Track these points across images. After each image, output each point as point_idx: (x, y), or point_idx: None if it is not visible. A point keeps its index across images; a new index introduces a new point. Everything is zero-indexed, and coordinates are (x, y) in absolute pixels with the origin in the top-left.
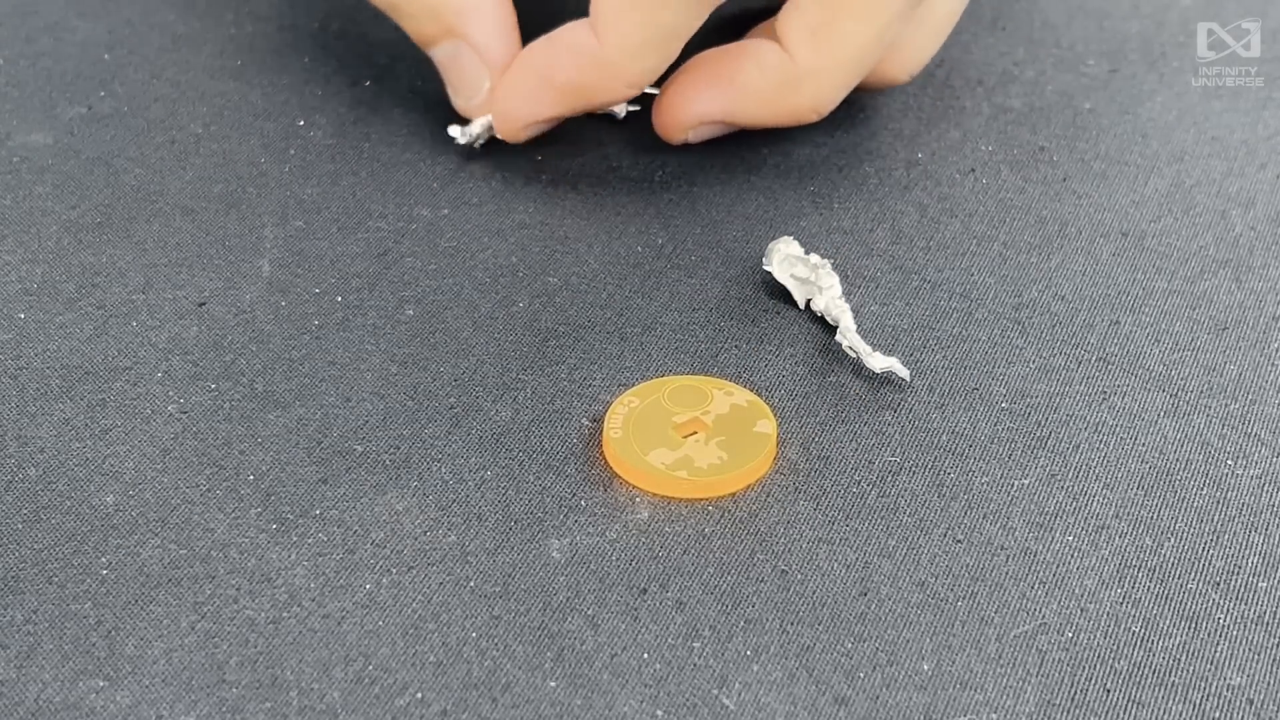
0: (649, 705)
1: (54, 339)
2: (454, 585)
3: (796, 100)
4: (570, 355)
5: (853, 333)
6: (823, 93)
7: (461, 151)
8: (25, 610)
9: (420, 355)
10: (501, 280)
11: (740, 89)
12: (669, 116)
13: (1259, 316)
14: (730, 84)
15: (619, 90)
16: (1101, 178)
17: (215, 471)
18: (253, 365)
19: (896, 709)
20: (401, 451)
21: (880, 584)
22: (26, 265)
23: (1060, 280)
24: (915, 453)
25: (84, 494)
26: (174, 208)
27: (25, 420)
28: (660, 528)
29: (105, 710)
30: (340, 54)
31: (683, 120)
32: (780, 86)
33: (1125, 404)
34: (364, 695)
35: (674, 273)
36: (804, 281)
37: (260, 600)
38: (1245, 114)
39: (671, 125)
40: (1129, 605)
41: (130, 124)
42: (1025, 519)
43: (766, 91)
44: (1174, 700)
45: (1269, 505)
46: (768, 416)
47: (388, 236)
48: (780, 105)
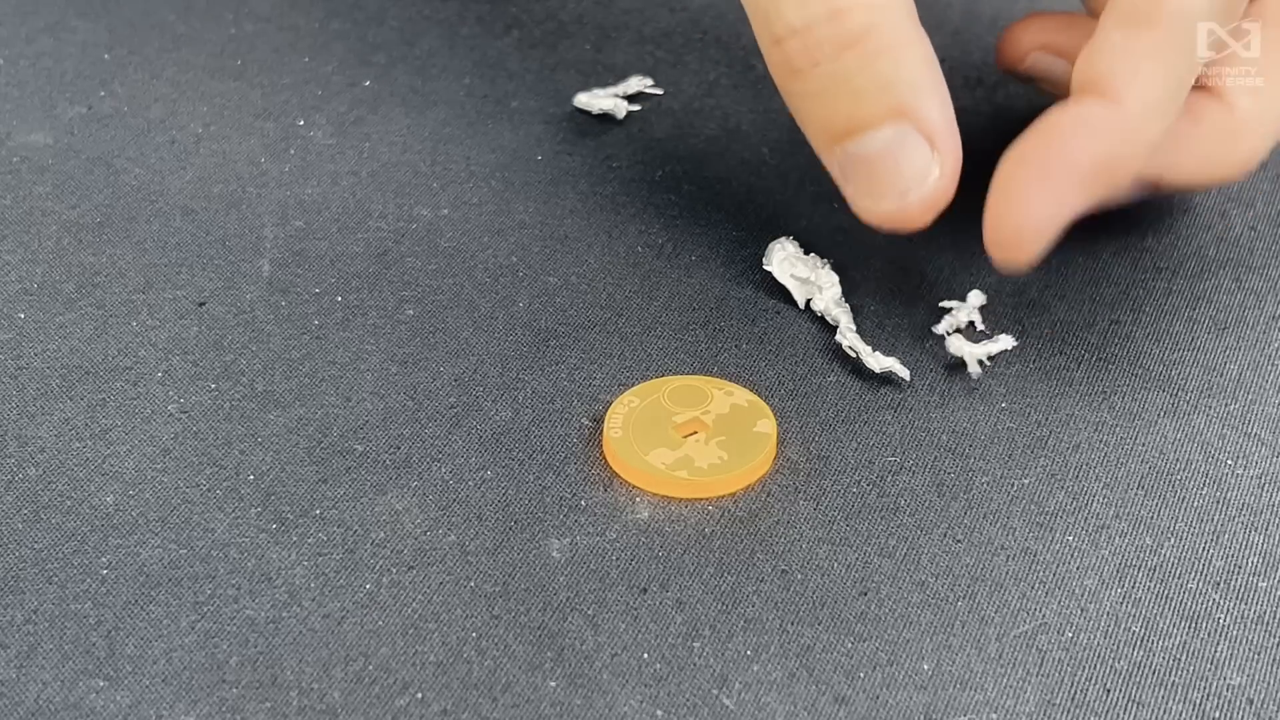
0: (649, 705)
1: (54, 339)
2: (454, 585)
3: (1230, 155)
4: (570, 355)
5: (852, 333)
6: (1258, 147)
7: (461, 151)
8: (25, 610)
9: (420, 355)
10: (501, 280)
11: (1172, 143)
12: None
13: (1259, 316)
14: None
15: (1142, 156)
16: None
17: (215, 471)
18: (253, 365)
19: (896, 709)
20: (401, 451)
21: (880, 584)
22: (26, 265)
23: (1060, 280)
24: (915, 453)
25: (84, 494)
26: (174, 208)
27: (25, 420)
28: (660, 528)
29: (105, 710)
30: (340, 54)
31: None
32: (1214, 139)
33: (1125, 404)
34: (364, 695)
35: (674, 273)
36: (804, 281)
37: (260, 600)
38: None
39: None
40: (1129, 605)
41: (130, 124)
42: (1025, 519)
43: (1200, 145)
44: (1174, 700)
45: (1269, 505)
46: (768, 416)
47: (388, 236)
48: (1211, 160)
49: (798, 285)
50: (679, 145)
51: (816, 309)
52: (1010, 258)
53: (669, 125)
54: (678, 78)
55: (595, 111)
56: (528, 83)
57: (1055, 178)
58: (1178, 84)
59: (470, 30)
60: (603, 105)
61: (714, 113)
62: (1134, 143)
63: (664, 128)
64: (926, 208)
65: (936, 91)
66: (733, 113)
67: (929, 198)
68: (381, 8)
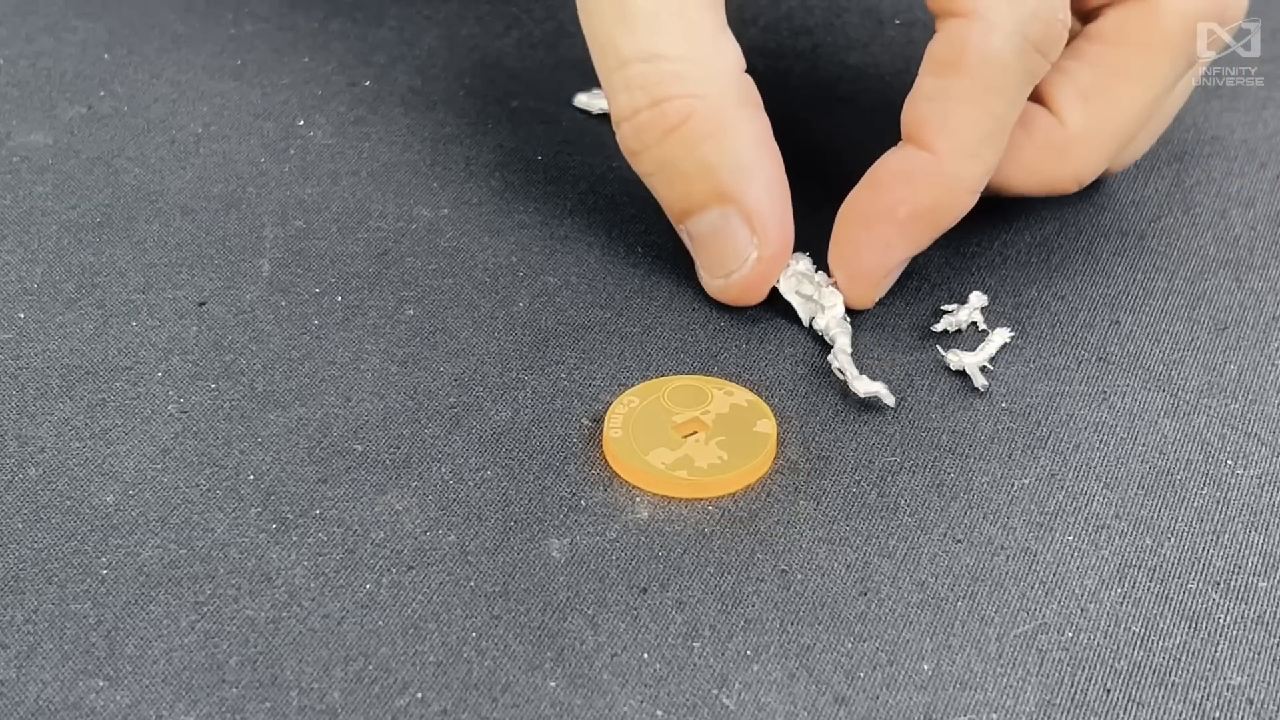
0: (649, 705)
1: (54, 339)
2: (454, 585)
3: (1060, 168)
4: (570, 355)
5: (845, 354)
6: (1089, 161)
7: (462, 151)
8: (25, 610)
9: (420, 355)
10: (501, 280)
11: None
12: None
13: (1259, 316)
14: None
15: (964, 201)
16: (1101, 178)
17: (215, 471)
18: (253, 365)
19: (896, 709)
20: (401, 451)
21: (880, 584)
22: (26, 265)
23: (1060, 280)
24: (915, 453)
25: (84, 494)
26: (174, 208)
27: (25, 420)
28: (660, 528)
29: (105, 710)
30: (340, 54)
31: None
32: (1046, 152)
33: (1125, 404)
34: (364, 695)
35: (674, 273)
36: (808, 299)
37: (260, 600)
38: (1245, 114)
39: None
40: (1129, 605)
41: (130, 124)
42: (1025, 519)
43: (1030, 156)
44: (1174, 700)
45: (1269, 505)
46: (768, 416)
47: (388, 236)
48: (1042, 172)
49: (802, 302)
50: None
51: (818, 327)
52: (853, 301)
53: None
54: None
55: (595, 112)
56: (528, 83)
57: (879, 229)
58: (993, 128)
59: (470, 30)
60: (603, 105)
61: None
62: (951, 190)
63: None
64: (746, 288)
65: (760, 173)
66: None
67: (748, 279)
68: (381, 8)
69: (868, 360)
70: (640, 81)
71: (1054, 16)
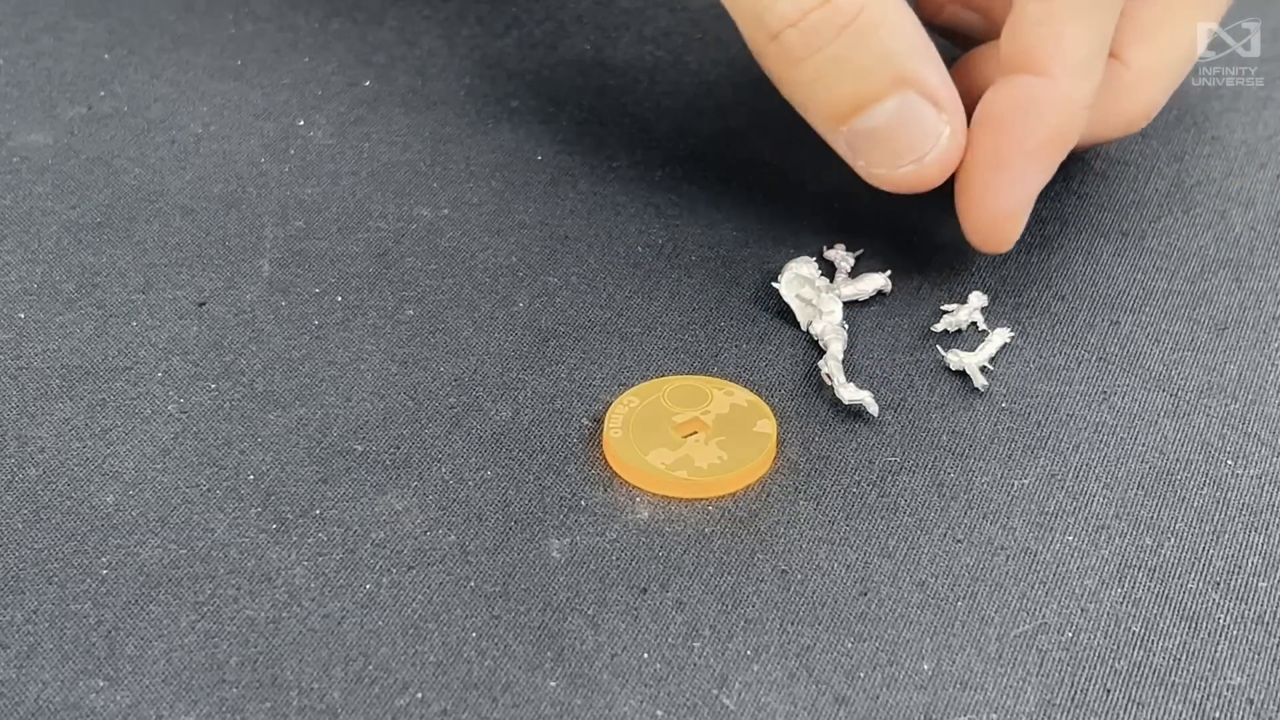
0: (649, 705)
1: (54, 339)
2: (454, 585)
3: (1130, 106)
4: (570, 355)
5: (836, 361)
6: (1155, 95)
7: (462, 152)
8: (25, 610)
9: (420, 355)
10: (501, 280)
11: None
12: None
13: (1259, 316)
14: None
15: (1083, 119)
16: (1101, 178)
17: (215, 471)
18: (253, 365)
19: (896, 709)
20: (401, 451)
21: (880, 584)
22: (26, 265)
23: (1060, 280)
24: (915, 453)
25: (84, 494)
26: (174, 208)
27: (25, 420)
28: (660, 528)
29: (105, 710)
30: (340, 54)
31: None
32: (1112, 93)
33: (1125, 404)
34: (364, 695)
35: (674, 273)
36: (807, 303)
37: (260, 600)
38: (1245, 114)
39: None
40: (1129, 605)
41: (130, 124)
42: (1025, 519)
43: (1101, 100)
44: (1174, 700)
45: (1269, 505)
46: (768, 416)
47: (388, 236)
48: (1109, 115)
49: (801, 306)
50: (679, 145)
51: (814, 333)
52: (993, 246)
53: (669, 125)
54: (678, 78)
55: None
56: (528, 83)
57: (1011, 165)
58: (1099, 42)
59: (470, 30)
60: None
61: (714, 113)
62: (1071, 111)
63: (664, 128)
64: (944, 166)
65: (932, 57)
66: (733, 113)
67: (944, 157)
68: (381, 8)
69: (868, 360)
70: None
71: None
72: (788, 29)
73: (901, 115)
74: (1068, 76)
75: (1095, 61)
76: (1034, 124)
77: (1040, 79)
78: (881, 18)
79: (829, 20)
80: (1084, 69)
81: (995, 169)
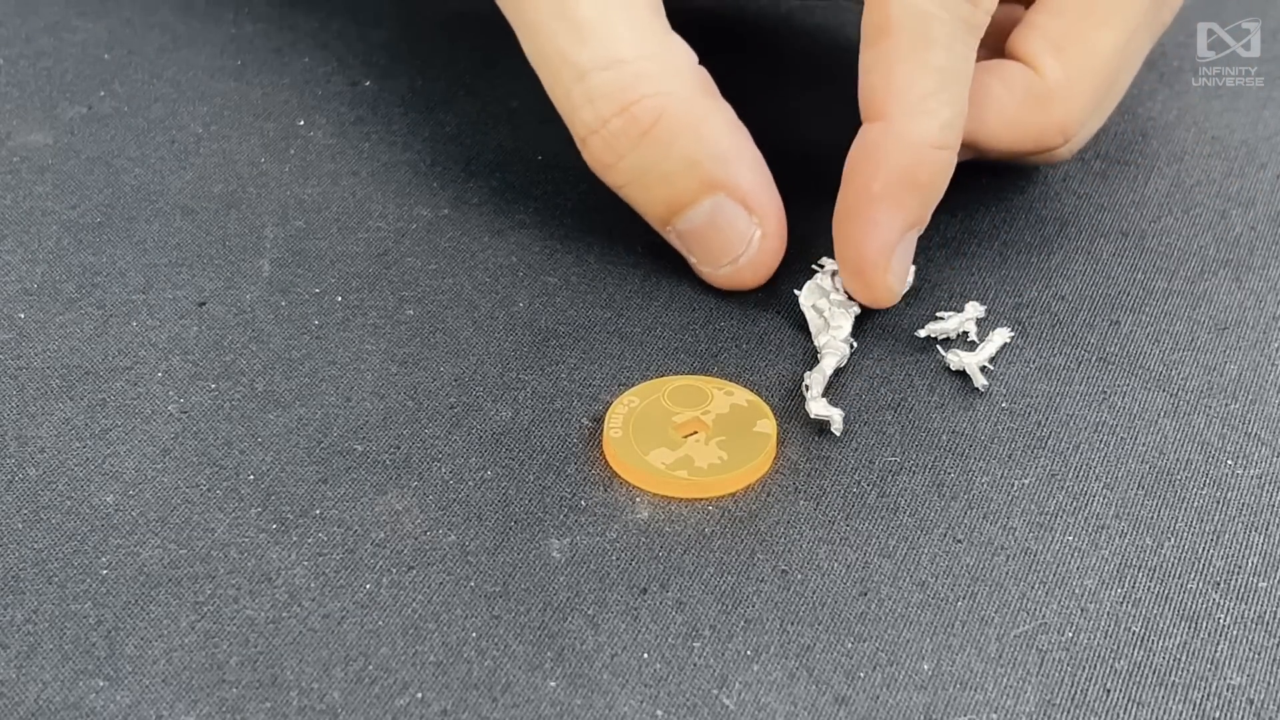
0: (649, 705)
1: (54, 339)
2: (454, 585)
3: (1044, 120)
4: (570, 355)
5: (821, 374)
6: (1072, 111)
7: (462, 152)
8: (25, 610)
9: (420, 355)
10: (501, 280)
11: (985, 108)
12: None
13: (1259, 316)
14: (974, 104)
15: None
16: (1101, 178)
17: (215, 471)
18: (253, 365)
19: (896, 709)
20: (401, 451)
21: (880, 584)
22: (26, 265)
23: (1060, 280)
24: (915, 453)
25: (84, 494)
26: (174, 208)
27: (25, 420)
28: (660, 528)
29: (105, 710)
30: (340, 54)
31: None
32: (1029, 106)
33: (1125, 404)
34: (364, 695)
35: (674, 273)
36: (820, 315)
37: (260, 600)
38: (1245, 114)
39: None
40: (1129, 605)
41: (130, 124)
42: (1025, 519)
43: (1012, 110)
44: (1174, 700)
45: (1269, 505)
46: (768, 416)
47: (388, 236)
48: (1027, 126)
49: (814, 317)
50: None
51: (817, 345)
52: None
53: None
54: None
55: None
56: (527, 83)
57: (862, 213)
58: (938, 80)
59: (470, 30)
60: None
61: None
62: (912, 148)
63: None
64: (757, 269)
65: (742, 156)
66: None
67: (756, 259)
68: (381, 8)
69: (868, 359)
70: (603, 90)
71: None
72: (591, 135)
73: (713, 219)
74: (904, 116)
75: (938, 98)
76: (874, 168)
77: (878, 123)
78: (683, 124)
79: (626, 129)
80: (922, 106)
81: (850, 220)
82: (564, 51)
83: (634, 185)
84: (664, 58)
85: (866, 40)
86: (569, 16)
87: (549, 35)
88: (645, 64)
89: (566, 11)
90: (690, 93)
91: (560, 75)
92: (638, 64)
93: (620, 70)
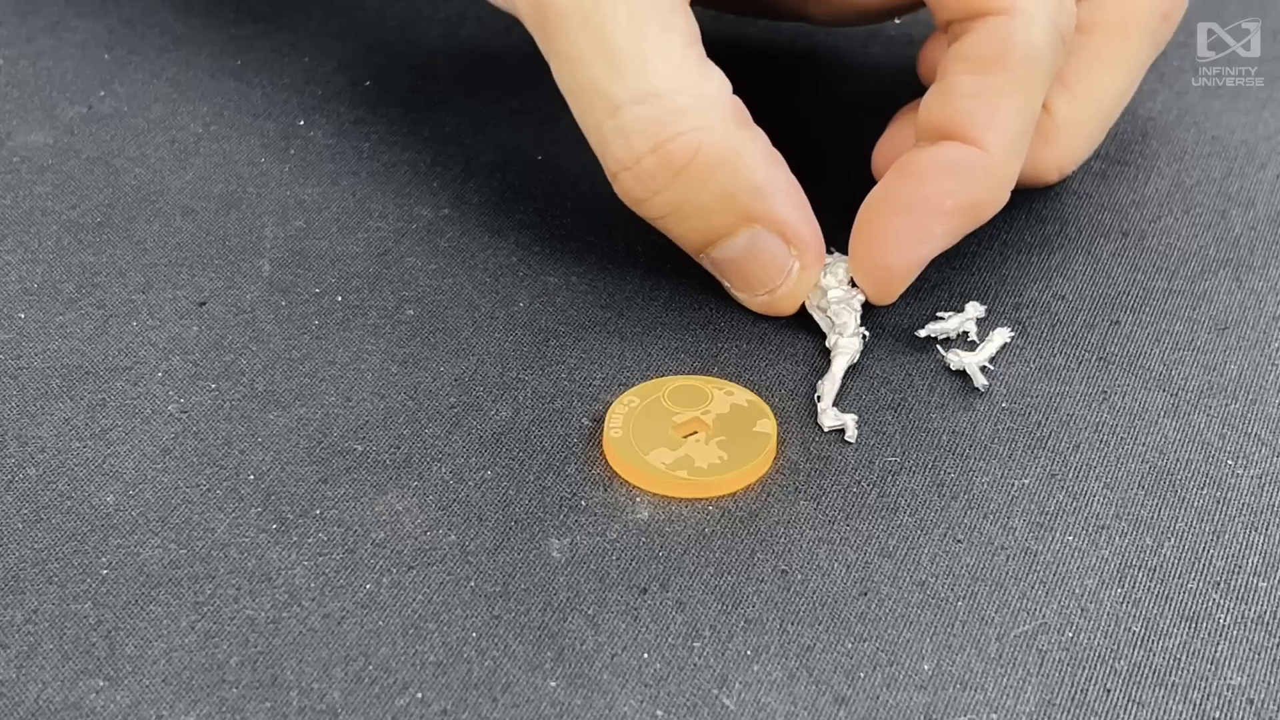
0: (649, 705)
1: (54, 339)
2: (454, 585)
3: (1046, 155)
4: (570, 355)
5: (832, 381)
6: (1074, 148)
7: (461, 152)
8: (25, 610)
9: (420, 355)
10: (501, 280)
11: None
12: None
13: (1259, 316)
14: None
15: (1005, 196)
16: (1101, 178)
17: (215, 471)
18: (253, 365)
19: (896, 709)
20: (401, 451)
21: (880, 584)
22: (26, 265)
23: (1060, 280)
24: (915, 453)
25: (84, 494)
26: (174, 208)
27: (25, 420)
28: (660, 528)
29: (105, 710)
30: (340, 54)
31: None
32: (1038, 141)
33: (1125, 404)
34: (364, 695)
35: (674, 273)
36: (824, 314)
37: (260, 600)
38: (1245, 114)
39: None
40: (1129, 605)
41: (130, 124)
42: (1025, 519)
43: None
44: (1174, 700)
45: (1269, 505)
46: (768, 416)
47: (388, 236)
48: (1036, 159)
49: (820, 317)
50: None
51: (828, 344)
52: (880, 294)
53: None
54: None
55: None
56: (527, 83)
57: (920, 219)
58: (1030, 121)
59: (470, 30)
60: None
61: None
62: (1000, 184)
63: None
64: (794, 299)
65: (779, 187)
66: None
67: (795, 290)
68: (381, 8)
69: (868, 359)
70: (638, 125)
71: (1073, 7)
72: (623, 172)
73: (750, 251)
74: (1002, 151)
75: (1024, 140)
76: (958, 187)
77: (974, 149)
78: (719, 159)
79: (661, 167)
80: (1015, 147)
81: (902, 218)
82: (597, 82)
83: (670, 218)
84: (699, 90)
85: (971, 66)
86: (603, 46)
87: (582, 64)
88: (680, 98)
89: (602, 41)
90: (726, 126)
91: (593, 107)
92: (673, 98)
93: (655, 105)
